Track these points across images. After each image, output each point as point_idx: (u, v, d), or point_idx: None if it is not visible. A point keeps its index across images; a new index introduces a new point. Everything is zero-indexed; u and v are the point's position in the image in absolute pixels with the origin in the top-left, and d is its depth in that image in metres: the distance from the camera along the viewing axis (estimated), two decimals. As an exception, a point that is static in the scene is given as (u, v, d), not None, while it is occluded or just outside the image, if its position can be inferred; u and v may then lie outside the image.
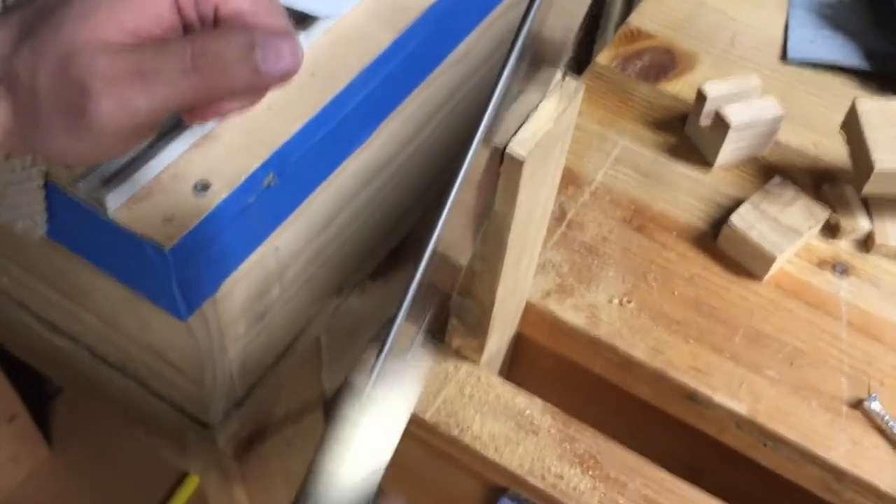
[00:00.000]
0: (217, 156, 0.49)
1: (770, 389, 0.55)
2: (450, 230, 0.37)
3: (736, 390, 0.55)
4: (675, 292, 0.59)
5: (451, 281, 0.43)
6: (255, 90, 0.40)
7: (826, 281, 0.60)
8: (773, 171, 0.66)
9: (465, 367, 0.56)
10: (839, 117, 0.64)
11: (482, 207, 0.43)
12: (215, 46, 0.37)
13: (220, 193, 0.47)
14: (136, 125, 0.38)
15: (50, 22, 0.37)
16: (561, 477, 0.52)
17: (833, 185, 0.64)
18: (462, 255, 0.43)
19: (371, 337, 0.58)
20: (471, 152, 0.38)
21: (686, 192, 0.65)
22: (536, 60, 0.40)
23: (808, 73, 0.74)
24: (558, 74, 0.42)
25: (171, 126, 0.48)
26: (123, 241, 0.47)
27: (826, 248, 0.62)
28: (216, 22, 0.40)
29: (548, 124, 0.41)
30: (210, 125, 0.49)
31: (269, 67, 0.38)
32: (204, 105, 0.40)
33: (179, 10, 0.39)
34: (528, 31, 0.37)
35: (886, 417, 0.53)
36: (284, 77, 0.39)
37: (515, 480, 0.52)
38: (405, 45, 0.58)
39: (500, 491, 0.54)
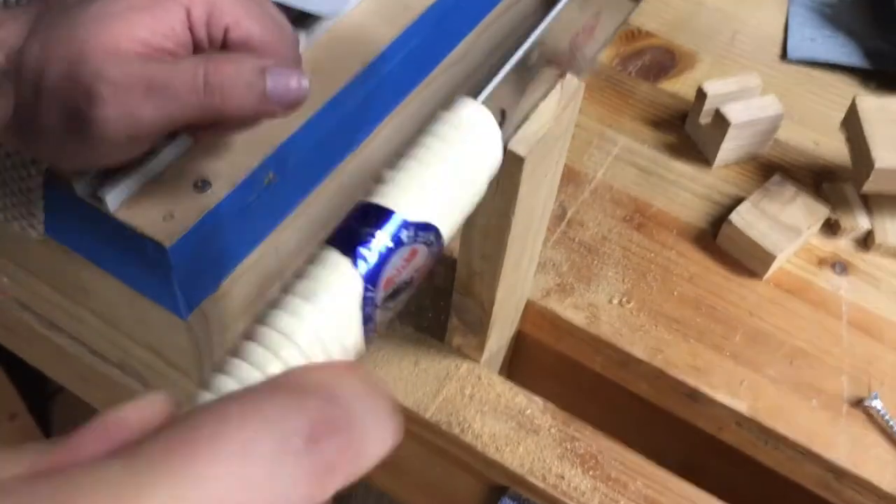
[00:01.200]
0: (217, 154, 0.49)
1: (770, 388, 0.55)
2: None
3: (736, 389, 0.55)
4: (675, 291, 0.59)
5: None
6: (258, 116, 0.40)
7: (826, 279, 0.60)
8: (772, 169, 0.66)
9: (465, 366, 0.56)
10: (839, 115, 0.64)
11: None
12: (227, 68, 0.37)
13: (220, 192, 0.47)
14: (136, 136, 0.38)
15: (64, 22, 0.37)
16: (562, 477, 0.52)
17: (833, 184, 0.64)
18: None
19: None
20: None
21: (686, 190, 0.65)
22: (538, 60, 0.40)
23: (808, 72, 0.74)
24: (558, 73, 0.42)
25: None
26: (123, 240, 0.46)
27: (826, 246, 0.62)
28: (224, 44, 0.40)
29: (548, 123, 0.41)
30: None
31: (276, 96, 0.38)
32: (206, 124, 0.40)
33: (191, 28, 0.39)
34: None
35: (887, 416, 0.53)
36: (290, 107, 0.40)
37: (516, 480, 0.52)
38: (405, 44, 0.58)
39: (501, 490, 0.54)
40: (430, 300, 0.59)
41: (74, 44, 0.36)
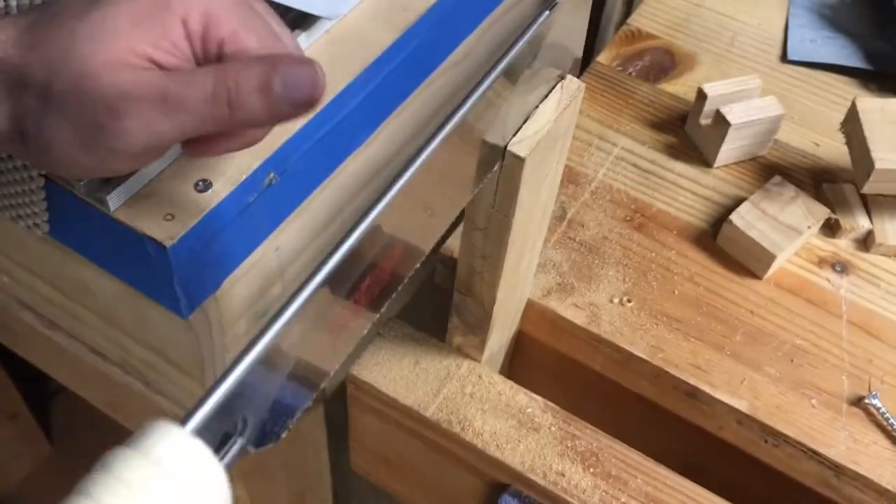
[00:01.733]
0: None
1: (770, 387, 0.55)
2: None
3: (736, 387, 0.55)
4: (676, 291, 0.59)
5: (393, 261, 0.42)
6: (272, 120, 0.39)
7: (826, 279, 0.60)
8: (772, 170, 0.66)
9: (466, 365, 0.56)
10: (839, 116, 0.64)
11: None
12: (236, 75, 0.37)
13: (220, 192, 0.47)
14: (153, 147, 0.38)
15: (63, 34, 0.36)
16: (562, 474, 0.52)
17: (833, 184, 0.64)
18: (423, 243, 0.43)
19: (370, 336, 0.58)
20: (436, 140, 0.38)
21: (686, 191, 0.65)
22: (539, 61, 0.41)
23: (808, 73, 0.74)
24: (559, 74, 0.42)
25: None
26: (124, 239, 0.46)
27: (826, 246, 0.62)
28: (219, 59, 0.39)
29: (548, 124, 0.41)
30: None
31: (287, 96, 0.38)
32: (218, 134, 0.40)
33: (188, 39, 0.39)
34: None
35: (887, 415, 0.53)
36: (304, 106, 0.38)
37: (517, 477, 0.53)
38: (406, 45, 0.58)
39: (502, 488, 0.54)
40: (431, 300, 0.59)
41: (81, 59, 0.36)
